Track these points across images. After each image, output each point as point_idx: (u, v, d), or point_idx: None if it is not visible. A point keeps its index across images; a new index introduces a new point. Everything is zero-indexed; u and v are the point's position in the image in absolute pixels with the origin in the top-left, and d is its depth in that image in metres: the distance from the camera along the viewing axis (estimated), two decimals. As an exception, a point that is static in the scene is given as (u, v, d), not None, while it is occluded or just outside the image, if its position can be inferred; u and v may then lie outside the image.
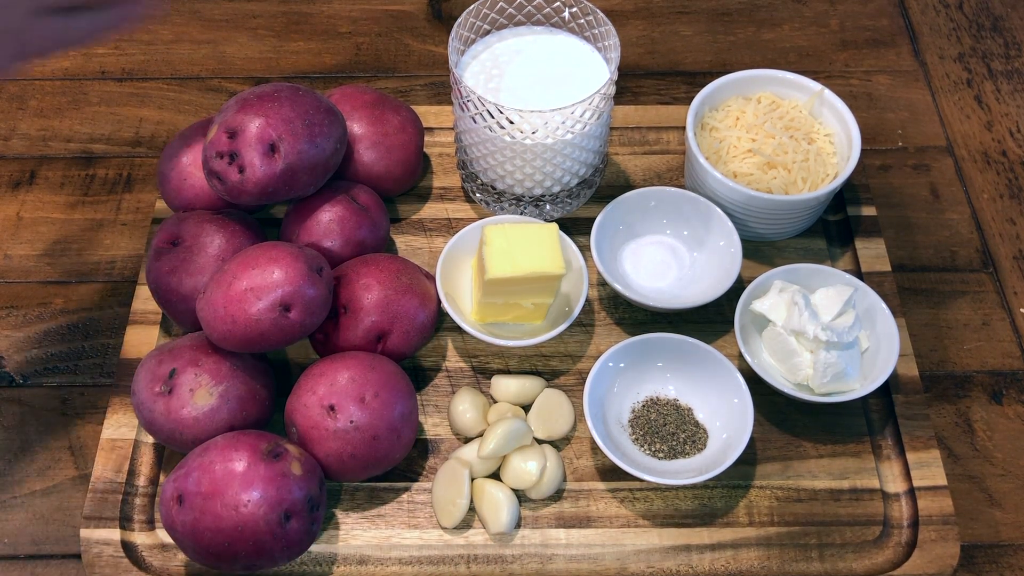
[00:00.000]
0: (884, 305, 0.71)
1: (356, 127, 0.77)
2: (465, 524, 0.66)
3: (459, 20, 0.73)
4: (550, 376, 0.73)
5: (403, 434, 0.65)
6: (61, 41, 0.62)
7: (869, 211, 0.81)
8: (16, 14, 0.59)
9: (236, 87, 0.94)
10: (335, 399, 0.63)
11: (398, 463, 0.67)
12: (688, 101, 0.80)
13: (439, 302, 0.72)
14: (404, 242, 0.80)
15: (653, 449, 0.68)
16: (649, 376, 0.71)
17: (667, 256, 0.78)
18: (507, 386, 0.70)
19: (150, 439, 0.70)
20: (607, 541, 0.66)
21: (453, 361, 0.74)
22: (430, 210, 0.82)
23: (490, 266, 0.66)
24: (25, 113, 0.92)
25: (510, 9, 0.76)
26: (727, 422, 0.68)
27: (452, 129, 0.85)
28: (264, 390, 0.67)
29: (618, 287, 0.73)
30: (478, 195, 0.80)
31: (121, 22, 0.63)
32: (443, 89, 0.93)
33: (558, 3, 0.75)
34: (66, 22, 0.61)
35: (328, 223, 0.72)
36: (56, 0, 0.59)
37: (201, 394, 0.64)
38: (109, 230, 0.84)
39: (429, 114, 0.87)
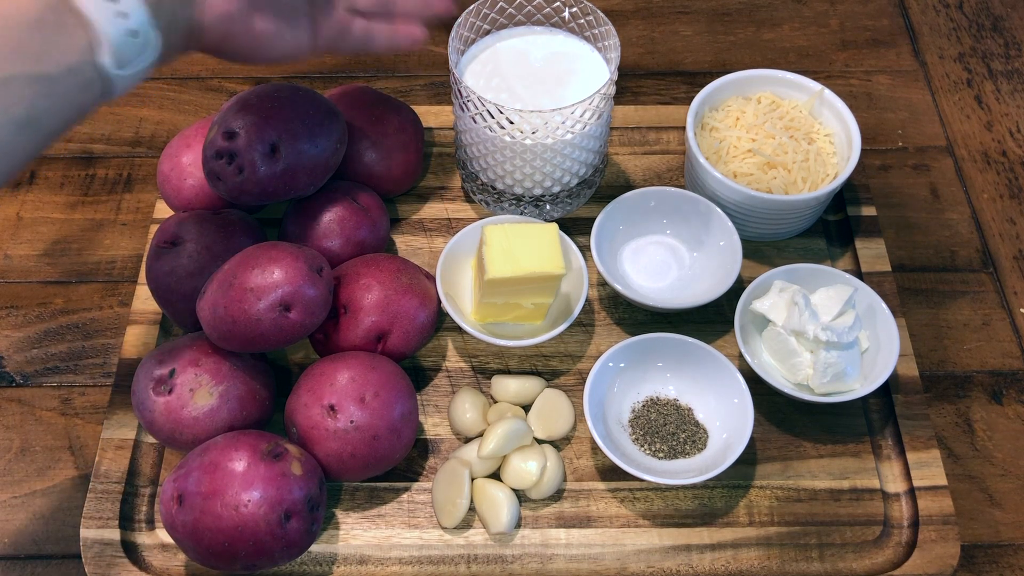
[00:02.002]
0: (884, 305, 0.71)
1: (356, 127, 0.77)
2: (465, 524, 0.66)
3: (459, 20, 0.73)
4: (550, 376, 0.73)
5: (403, 434, 0.65)
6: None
7: (869, 211, 0.81)
8: None
9: (236, 87, 0.93)
10: (335, 399, 0.63)
11: (398, 463, 0.67)
12: (688, 101, 0.80)
13: (439, 302, 0.72)
14: (404, 242, 0.80)
15: (653, 449, 0.68)
16: (649, 376, 0.71)
17: (667, 256, 0.78)
18: (507, 386, 0.70)
19: (150, 439, 0.70)
20: (607, 541, 0.66)
21: (453, 361, 0.74)
22: (430, 210, 0.82)
23: (490, 266, 0.66)
24: (25, 113, 0.92)
25: (510, 9, 0.76)
26: (727, 422, 0.68)
27: (452, 129, 0.85)
28: (264, 390, 0.67)
29: (618, 287, 0.73)
30: (478, 195, 0.80)
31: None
32: (443, 89, 0.93)
33: (558, 3, 0.75)
34: None
35: (328, 223, 0.72)
36: None
37: (201, 394, 0.64)
38: (109, 230, 0.84)
39: (429, 114, 0.87)
